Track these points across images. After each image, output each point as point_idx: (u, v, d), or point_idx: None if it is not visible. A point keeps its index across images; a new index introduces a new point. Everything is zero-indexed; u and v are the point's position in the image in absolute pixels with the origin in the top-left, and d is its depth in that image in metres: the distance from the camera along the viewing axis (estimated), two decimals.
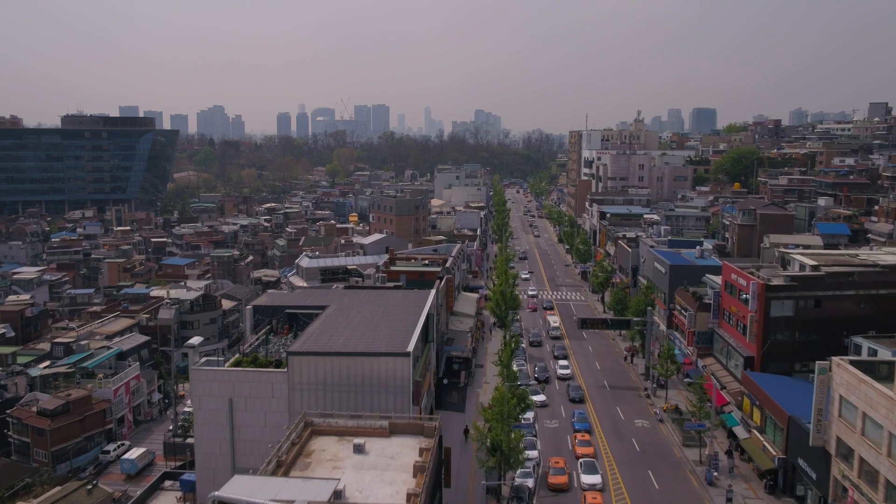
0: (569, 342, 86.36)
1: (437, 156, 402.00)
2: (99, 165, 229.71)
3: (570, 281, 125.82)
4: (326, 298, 58.73)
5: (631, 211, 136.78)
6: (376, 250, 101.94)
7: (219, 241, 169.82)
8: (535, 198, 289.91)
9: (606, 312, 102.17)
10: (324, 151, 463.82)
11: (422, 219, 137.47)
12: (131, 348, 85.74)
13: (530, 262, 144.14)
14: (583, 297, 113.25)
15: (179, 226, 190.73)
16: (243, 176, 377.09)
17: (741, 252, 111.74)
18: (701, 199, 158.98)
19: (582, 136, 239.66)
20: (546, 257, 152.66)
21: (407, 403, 44.97)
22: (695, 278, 79.87)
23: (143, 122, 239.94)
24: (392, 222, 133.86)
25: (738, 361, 64.01)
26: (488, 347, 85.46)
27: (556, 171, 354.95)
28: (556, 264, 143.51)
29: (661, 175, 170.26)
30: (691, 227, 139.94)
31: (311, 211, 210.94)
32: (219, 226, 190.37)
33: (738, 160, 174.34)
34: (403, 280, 78.50)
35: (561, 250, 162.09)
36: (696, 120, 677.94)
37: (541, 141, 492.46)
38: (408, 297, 59.65)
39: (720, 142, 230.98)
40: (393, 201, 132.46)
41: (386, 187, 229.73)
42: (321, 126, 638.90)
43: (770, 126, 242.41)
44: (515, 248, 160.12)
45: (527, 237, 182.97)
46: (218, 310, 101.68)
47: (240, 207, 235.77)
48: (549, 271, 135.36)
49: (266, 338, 53.90)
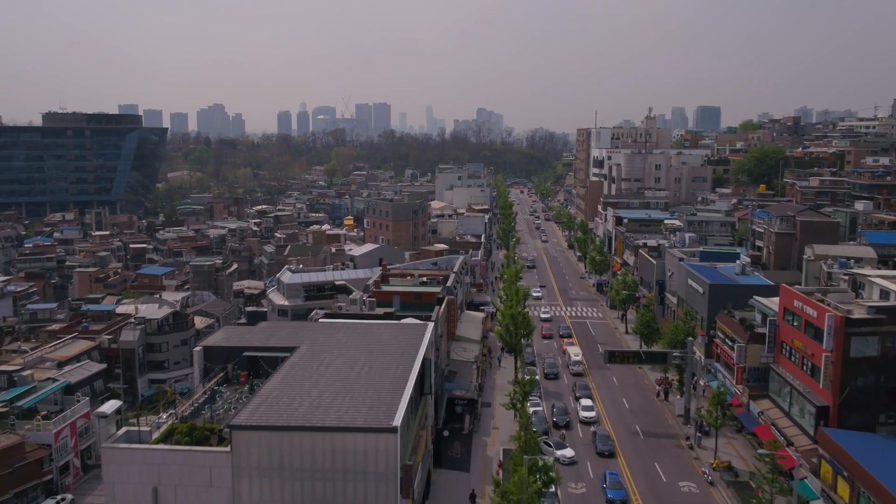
0: (590, 373, 74.37)
1: (439, 154, 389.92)
2: (82, 165, 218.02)
3: (585, 294, 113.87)
4: (297, 337, 46.85)
5: (650, 216, 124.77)
6: (368, 263, 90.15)
7: (203, 247, 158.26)
8: (540, 199, 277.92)
9: (628, 334, 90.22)
10: (323, 150, 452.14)
11: (421, 224, 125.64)
12: (82, 380, 73.84)
13: (539, 272, 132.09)
14: (600, 314, 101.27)
15: (164, 230, 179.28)
16: (238, 175, 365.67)
17: (778, 264, 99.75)
18: (723, 202, 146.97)
19: (591, 133, 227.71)
20: (556, 265, 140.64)
21: (393, 495, 33.17)
22: (739, 300, 68.01)
23: (129, 119, 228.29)
24: (388, 228, 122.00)
25: (805, 409, 52.11)
26: (497, 378, 73.56)
27: (561, 171, 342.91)
28: (567, 274, 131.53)
29: (678, 176, 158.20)
30: (715, 234, 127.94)
31: (305, 213, 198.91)
32: (206, 230, 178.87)
33: (761, 160, 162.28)
34: (397, 303, 66.69)
35: (572, 257, 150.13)
36: (700, 118, 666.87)
37: (545, 139, 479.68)
38: (399, 334, 47.75)
39: (736, 140, 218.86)
40: (389, 205, 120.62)
41: (384, 188, 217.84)
42: (322, 125, 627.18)
43: (788, 123, 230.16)
44: (522, 255, 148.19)
45: (534, 242, 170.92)
46: (190, 330, 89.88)
47: (230, 209, 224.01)
48: (561, 282, 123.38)
49: (215, 391, 42.15)
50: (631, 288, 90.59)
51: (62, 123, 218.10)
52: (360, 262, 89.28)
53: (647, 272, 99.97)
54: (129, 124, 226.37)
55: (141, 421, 72.70)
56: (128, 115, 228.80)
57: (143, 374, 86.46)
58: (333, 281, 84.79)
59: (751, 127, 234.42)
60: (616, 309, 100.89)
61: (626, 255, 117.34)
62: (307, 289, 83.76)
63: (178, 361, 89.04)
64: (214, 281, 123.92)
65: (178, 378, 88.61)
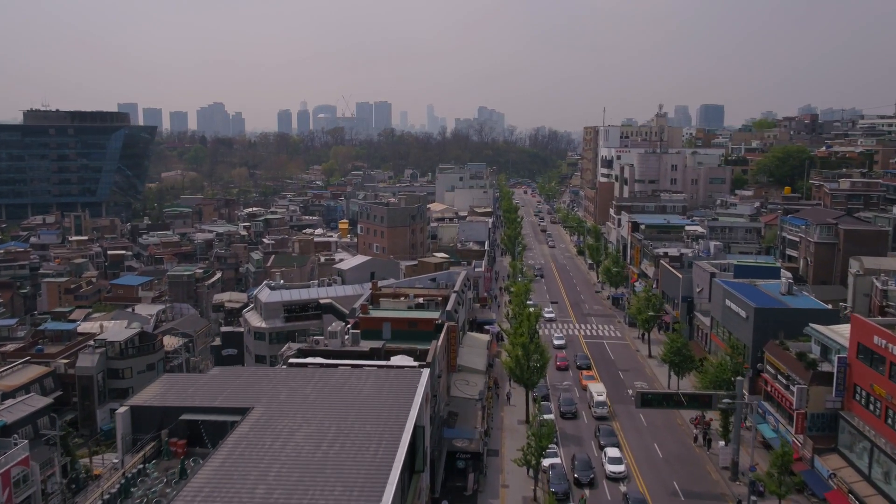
0: (614, 410, 63.96)
1: (439, 154, 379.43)
2: (65, 165, 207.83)
3: (600, 309, 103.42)
4: (253, 392, 36.52)
5: (669, 222, 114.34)
6: (359, 277, 79.84)
7: (187, 254, 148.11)
8: (544, 200, 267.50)
9: (652, 358, 79.86)
10: (322, 149, 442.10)
11: (419, 230, 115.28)
12: (22, 418, 63.64)
13: (548, 282, 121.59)
14: (617, 333, 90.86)
15: (148, 234, 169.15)
16: (233, 175, 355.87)
17: (818, 278, 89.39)
18: (745, 206, 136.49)
19: (599, 132, 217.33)
20: (566, 274, 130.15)
21: None
22: (791, 327, 57.73)
23: (115, 117, 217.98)
24: (383, 235, 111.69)
25: (892, 473, 41.82)
26: (505, 417, 63.24)
27: (566, 171, 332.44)
28: (579, 284, 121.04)
29: (695, 177, 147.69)
30: (739, 241, 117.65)
31: (298, 216, 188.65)
32: (192, 234, 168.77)
33: (783, 160, 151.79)
34: (388, 331, 56.42)
35: (582, 265, 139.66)
36: (703, 117, 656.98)
37: (548, 138, 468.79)
38: (384, 387, 37.41)
39: (751, 138, 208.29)
40: (384, 210, 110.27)
41: (382, 189, 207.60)
42: (323, 123, 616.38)
43: (806, 121, 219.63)
44: (529, 262, 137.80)
45: (540, 248, 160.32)
46: (157, 352, 79.72)
47: (221, 212, 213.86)
48: (572, 294, 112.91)
49: (141, 471, 31.88)
50: (655, 308, 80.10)
51: (44, 122, 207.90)
52: (350, 277, 79.05)
53: (670, 286, 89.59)
54: (116, 122, 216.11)
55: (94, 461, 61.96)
56: (114, 113, 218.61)
57: (103, 404, 76.37)
58: (318, 299, 74.55)
59: (765, 125, 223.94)
60: (636, 327, 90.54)
61: (644, 265, 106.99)
62: (288, 308, 73.56)
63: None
64: (194, 292, 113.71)
65: None
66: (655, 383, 71.57)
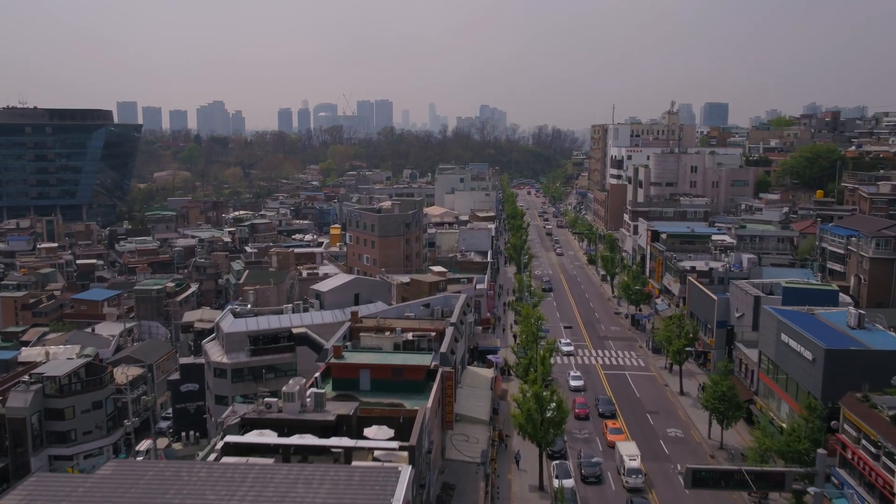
0: (647, 470, 52.07)
1: (440, 153, 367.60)
2: (43, 166, 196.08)
3: (618, 330, 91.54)
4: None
5: (694, 230, 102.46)
6: (340, 300, 68.07)
7: (164, 263, 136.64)
8: (549, 201, 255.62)
9: (683, 395, 68.04)
10: (320, 148, 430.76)
11: (414, 240, 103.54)
12: None
13: (558, 298, 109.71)
14: (640, 361, 79.00)
15: (126, 240, 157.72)
16: (227, 175, 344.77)
17: (873, 299, 77.55)
18: (773, 211, 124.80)
19: (608, 130, 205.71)
20: (576, 287, 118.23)
21: None
22: (876, 374, 46.00)
23: (96, 114, 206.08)
24: (374, 245, 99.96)
25: None
26: (514, 485, 51.36)
27: (572, 170, 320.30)
28: (592, 299, 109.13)
29: (716, 179, 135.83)
30: (770, 251, 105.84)
31: (289, 220, 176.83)
32: (174, 239, 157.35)
33: (812, 160, 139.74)
34: (366, 380, 44.88)
35: (594, 276, 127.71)
36: (707, 115, 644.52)
37: (552, 136, 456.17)
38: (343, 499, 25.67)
39: (770, 137, 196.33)
40: (375, 218, 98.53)
41: (378, 191, 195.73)
42: (324, 122, 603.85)
43: (827, 119, 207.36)
44: (536, 272, 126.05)
45: (547, 256, 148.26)
46: (106, 388, 68.13)
47: (208, 214, 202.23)
48: (586, 312, 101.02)
49: None
50: (688, 337, 68.21)
51: (21, 119, 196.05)
52: (330, 300, 67.42)
53: (702, 308, 77.84)
54: (97, 120, 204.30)
55: None
56: (95, 111, 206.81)
57: (39, 450, 64.89)
58: (291, 328, 62.85)
59: (783, 123, 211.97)
60: (661, 353, 78.82)
61: (666, 280, 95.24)
62: (254, 340, 61.84)
63: (90, 431, 67.77)
64: (165, 308, 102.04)
65: (89, 453, 67.31)
66: (692, 431, 59.83)
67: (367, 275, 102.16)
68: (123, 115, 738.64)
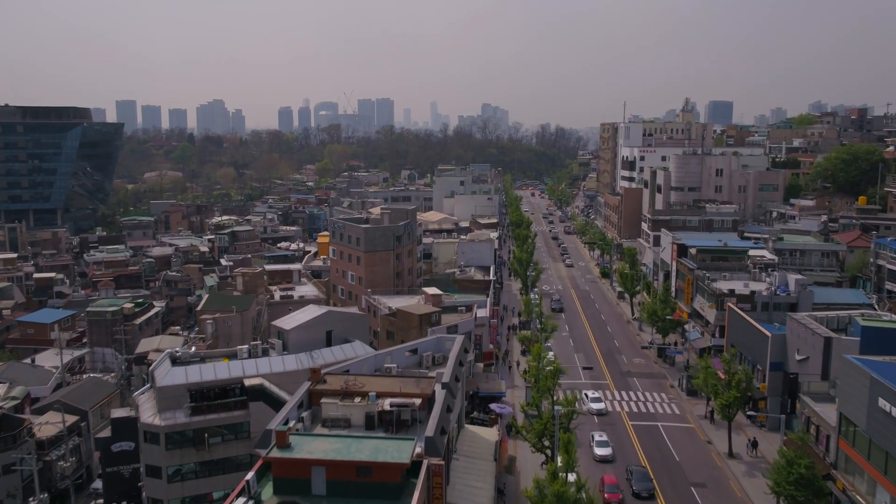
0: None
1: (440, 153, 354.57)
2: (14, 167, 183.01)
3: (642, 362, 78.29)
4: None
5: (727, 244, 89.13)
6: (308, 340, 54.98)
7: (133, 276, 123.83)
8: (555, 204, 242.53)
9: (733, 458, 54.87)
10: (317, 148, 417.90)
11: (406, 254, 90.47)
12: None
13: (570, 320, 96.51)
14: (674, 408, 65.76)
15: (98, 248, 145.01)
16: (219, 176, 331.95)
17: None
18: (809, 220, 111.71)
19: (618, 129, 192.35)
20: (590, 307, 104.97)
21: None
22: None
23: (72, 112, 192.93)
24: (360, 262, 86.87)
25: None
26: None
27: (578, 171, 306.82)
28: (609, 321, 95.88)
29: (743, 183, 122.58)
30: (814, 267, 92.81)
31: (276, 226, 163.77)
32: (149, 248, 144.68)
33: (849, 162, 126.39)
34: (320, 483, 31.93)
35: (609, 292, 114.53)
36: (712, 113, 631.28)
37: (556, 135, 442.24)
38: None
39: (793, 136, 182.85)
40: (360, 231, 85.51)
41: (372, 194, 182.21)
42: (324, 121, 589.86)
43: (853, 117, 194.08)
44: (544, 288, 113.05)
45: (556, 267, 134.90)
46: (21, 446, 55.39)
47: (191, 219, 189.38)
48: (604, 339, 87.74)
49: None
50: (740, 388, 54.90)
51: None
52: (295, 340, 54.50)
53: (747, 342, 64.80)
54: (72, 118, 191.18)
55: None
56: (71, 108, 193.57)
57: None
58: (243, 378, 49.87)
59: (805, 121, 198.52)
60: (697, 395, 65.81)
61: (698, 303, 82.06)
62: (196, 394, 48.88)
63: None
64: (121, 333, 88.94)
65: None
66: None
67: (352, 295, 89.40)
68: (123, 114, 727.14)
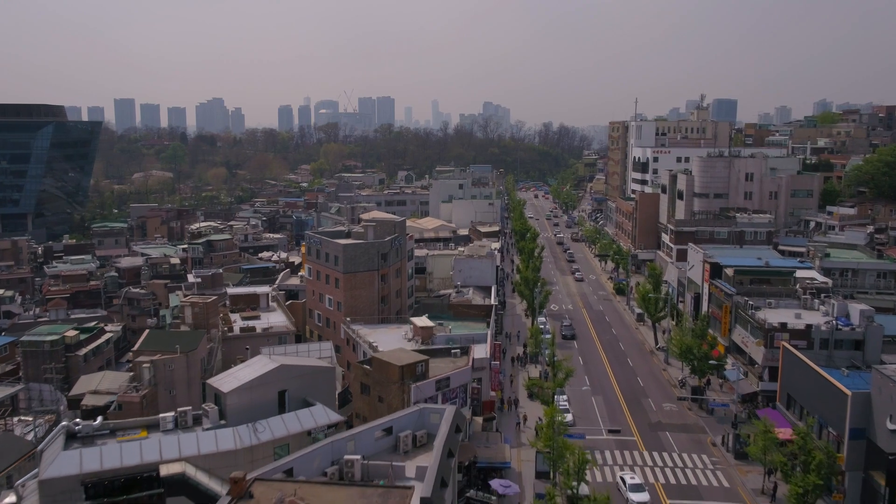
0: None
1: (440, 152, 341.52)
2: None
3: (673, 409, 65.19)
4: None
5: (768, 264, 76.03)
6: (253, 404, 42.17)
7: (93, 292, 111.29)
8: (560, 207, 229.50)
9: None
10: (313, 147, 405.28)
11: (394, 274, 77.57)
12: None
13: (585, 351, 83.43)
14: (722, 478, 52.51)
15: (62, 259, 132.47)
16: (210, 176, 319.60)
17: None
18: (854, 232, 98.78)
19: (629, 128, 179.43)
20: (605, 331, 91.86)
21: None
22: None
23: (43, 110, 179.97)
24: (338, 284, 74.01)
25: None
26: None
27: (583, 172, 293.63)
28: (629, 352, 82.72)
29: (775, 189, 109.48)
30: (867, 289, 79.89)
31: (258, 234, 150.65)
32: (117, 258, 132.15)
33: (893, 165, 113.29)
34: None
35: (625, 313, 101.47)
36: (716, 111, 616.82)
37: (559, 134, 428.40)
38: None
39: (818, 135, 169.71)
40: (339, 248, 72.65)
41: (364, 198, 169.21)
42: (325, 119, 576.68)
43: (881, 115, 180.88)
44: (552, 307, 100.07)
45: (564, 281, 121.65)
46: None
47: (171, 225, 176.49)
48: (625, 376, 74.62)
49: None
50: (820, 471, 41.99)
51: None
52: (236, 406, 41.69)
53: (809, 393, 51.89)
54: (43, 116, 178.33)
55: None
56: (41, 106, 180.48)
57: None
58: (159, 464, 36.97)
59: (829, 119, 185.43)
60: (746, 459, 52.89)
61: (738, 335, 69.07)
62: (92, 489, 35.92)
63: None
64: (52, 371, 75.98)
65: None
66: None
67: (331, 322, 76.48)
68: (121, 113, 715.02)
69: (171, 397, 57.38)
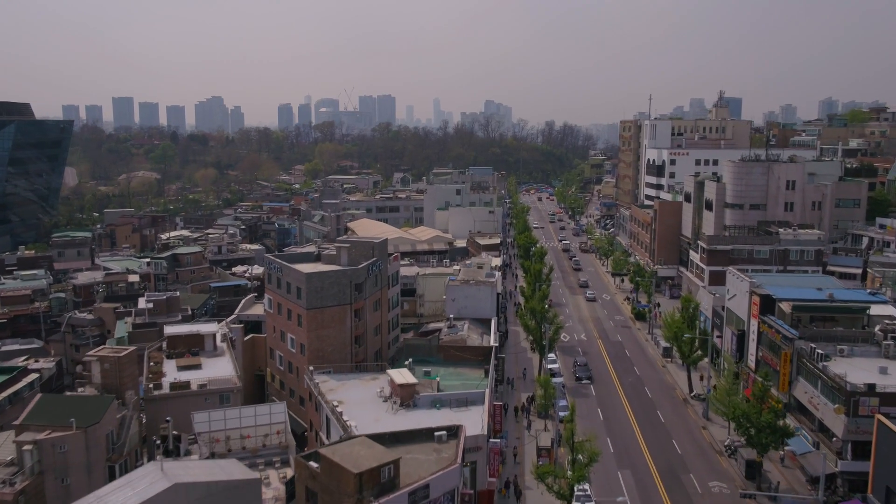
0: None
1: (439, 152, 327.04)
2: None
3: (724, 490, 50.87)
4: None
5: (833, 296, 61.49)
6: None
7: (34, 316, 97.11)
8: (566, 211, 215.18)
9: None
10: (309, 146, 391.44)
11: (371, 308, 63.44)
12: None
13: (603, 397, 69.06)
14: None
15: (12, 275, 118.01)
16: (199, 177, 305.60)
17: None
18: None
19: (642, 127, 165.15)
20: (627, 371, 77.32)
21: None
22: None
23: (6, 109, 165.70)
24: (301, 322, 59.87)
25: None
26: None
27: (589, 173, 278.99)
28: (657, 398, 68.30)
29: (818, 199, 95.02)
30: None
31: (234, 244, 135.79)
32: (74, 273, 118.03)
33: None
34: None
35: (647, 344, 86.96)
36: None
37: (563, 133, 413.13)
38: None
39: (849, 135, 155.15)
40: (302, 279, 58.46)
41: (353, 204, 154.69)
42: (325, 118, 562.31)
43: None
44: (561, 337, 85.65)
45: (574, 302, 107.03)
46: None
47: (144, 233, 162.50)
48: (656, 441, 60.03)
49: None
50: None
51: None
52: None
53: None
54: (5, 115, 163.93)
55: None
56: (4, 104, 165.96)
57: None
58: None
59: (861, 117, 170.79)
60: None
61: (802, 391, 54.52)
62: None
63: None
64: None
65: None
66: None
67: (293, 367, 62.32)
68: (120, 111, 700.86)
69: (63, 488, 43.21)
